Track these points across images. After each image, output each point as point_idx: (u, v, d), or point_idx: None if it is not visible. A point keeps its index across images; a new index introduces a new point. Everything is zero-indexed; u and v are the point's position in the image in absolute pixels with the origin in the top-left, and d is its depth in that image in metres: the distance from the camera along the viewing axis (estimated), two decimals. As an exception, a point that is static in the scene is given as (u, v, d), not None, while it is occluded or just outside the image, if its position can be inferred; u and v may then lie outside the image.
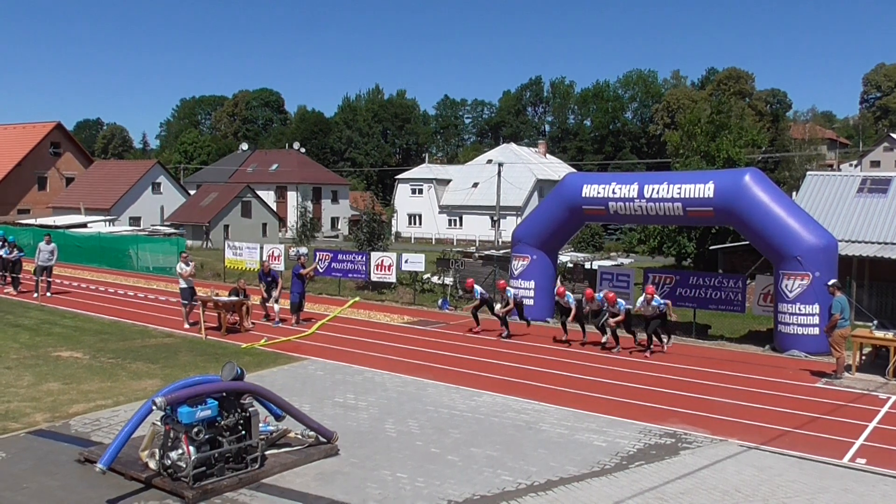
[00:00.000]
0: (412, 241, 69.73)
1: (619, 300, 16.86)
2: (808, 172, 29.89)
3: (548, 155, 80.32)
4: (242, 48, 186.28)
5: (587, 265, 27.75)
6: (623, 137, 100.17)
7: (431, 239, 69.92)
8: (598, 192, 19.10)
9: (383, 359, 15.17)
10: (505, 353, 16.26)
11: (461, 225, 72.10)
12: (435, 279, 27.00)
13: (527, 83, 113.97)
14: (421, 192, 75.30)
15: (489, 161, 71.04)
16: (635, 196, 18.52)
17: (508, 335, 17.97)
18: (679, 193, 17.89)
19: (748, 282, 19.63)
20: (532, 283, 20.41)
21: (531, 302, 20.04)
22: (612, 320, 16.53)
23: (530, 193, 67.52)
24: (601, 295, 17.41)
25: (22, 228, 37.22)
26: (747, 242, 21.60)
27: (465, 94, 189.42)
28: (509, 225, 57.03)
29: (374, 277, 24.49)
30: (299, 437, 9.67)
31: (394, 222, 73.23)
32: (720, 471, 9.18)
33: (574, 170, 61.82)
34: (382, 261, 24.30)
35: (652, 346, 16.43)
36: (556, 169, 71.05)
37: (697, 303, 19.46)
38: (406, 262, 24.15)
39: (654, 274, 20.56)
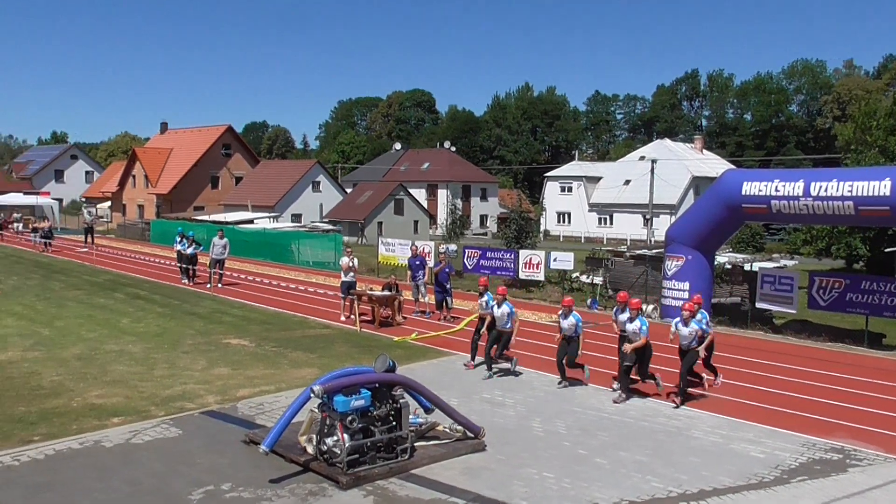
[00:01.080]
0: (560, 239, 69.10)
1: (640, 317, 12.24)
2: None
3: (705, 151, 77.07)
4: (396, 51, 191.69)
5: (747, 267, 26.35)
6: (787, 132, 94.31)
7: (580, 237, 68.98)
8: (760, 190, 18.10)
9: (531, 357, 15.15)
10: (658, 356, 15.73)
11: (611, 223, 70.64)
12: (584, 278, 26.61)
13: (682, 76, 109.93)
14: (570, 189, 74.45)
15: (642, 158, 69.09)
16: (800, 194, 17.39)
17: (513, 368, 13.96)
18: (850, 191, 16.61)
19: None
20: (686, 285, 19.65)
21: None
22: (627, 346, 12.15)
23: (685, 191, 65.07)
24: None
25: (197, 224, 40.24)
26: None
27: (616, 90, 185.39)
28: (662, 224, 55.20)
29: (522, 275, 24.50)
30: (447, 430, 9.85)
31: (542, 220, 72.96)
32: (895, 493, 8.47)
33: (733, 166, 58.94)
34: (531, 259, 24.25)
35: (684, 391, 12.05)
36: (714, 165, 68.04)
37: (870, 310, 17.99)
38: (555, 260, 23.97)
39: (820, 277, 19.24)
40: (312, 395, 8.73)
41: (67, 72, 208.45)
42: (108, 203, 69.84)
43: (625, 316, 12.56)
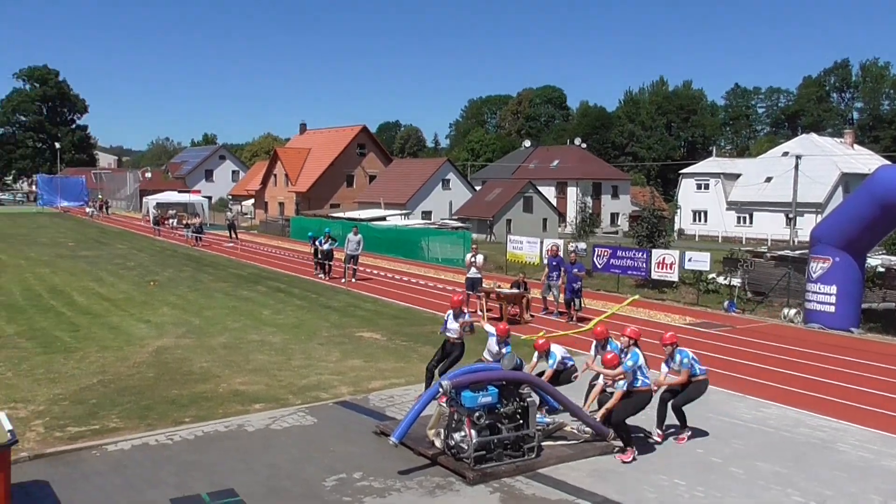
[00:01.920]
0: (696, 238, 66.65)
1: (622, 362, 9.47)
2: None
3: (856, 146, 71.97)
4: (527, 48, 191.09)
5: (902, 270, 24.45)
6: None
7: (717, 237, 66.24)
8: (919, 188, 16.75)
9: (662, 361, 14.70)
10: (800, 363, 14.94)
11: (751, 222, 67.36)
12: (721, 279, 25.55)
13: (831, 67, 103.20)
14: (707, 187, 71.61)
15: (785, 153, 65.41)
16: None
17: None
18: None
19: None
20: (834, 289, 18.49)
21: (832, 309, 18.17)
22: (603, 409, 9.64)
23: (833, 188, 61.09)
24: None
25: (332, 221, 41.77)
26: None
27: (757, 82, 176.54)
28: (807, 223, 52.04)
29: (654, 275, 23.84)
30: (574, 431, 9.76)
31: (676, 219, 70.61)
32: None
33: (888, 162, 54.74)
34: (664, 258, 23.55)
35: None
36: (866, 161, 63.39)
37: None
38: (689, 260, 23.16)
39: None
40: (441, 389, 8.88)
41: (217, 79, 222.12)
42: (252, 200, 73.75)
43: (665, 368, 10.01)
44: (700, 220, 71.67)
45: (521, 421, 9.03)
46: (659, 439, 9.85)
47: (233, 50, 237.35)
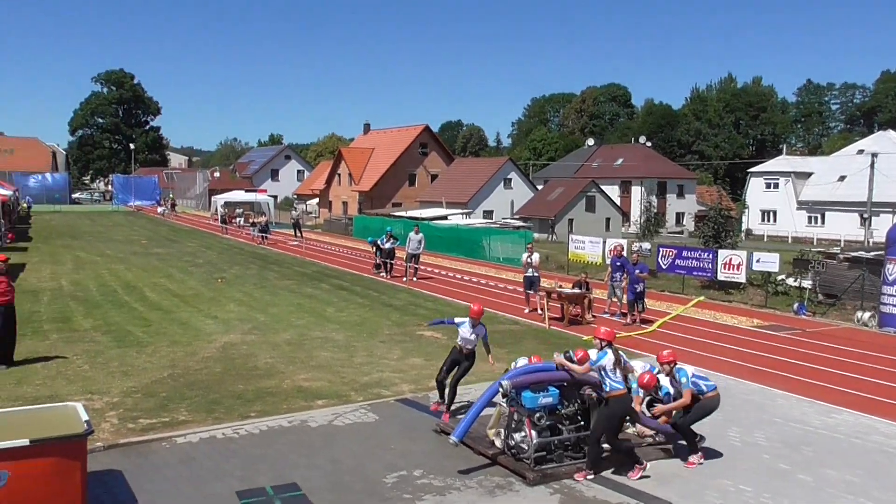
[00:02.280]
0: (764, 238, 64.90)
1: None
2: None
3: (938, 143, 68.86)
4: (591, 46, 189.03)
5: None
6: None
7: (787, 237, 64.37)
8: None
9: (728, 363, 14.41)
10: (874, 368, 14.41)
11: (823, 222, 65.23)
12: (790, 281, 24.80)
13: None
14: (776, 186, 69.63)
15: (860, 151, 63.13)
16: None
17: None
18: None
19: None
20: (911, 291, 17.76)
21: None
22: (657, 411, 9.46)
23: (912, 188, 58.68)
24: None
25: (394, 220, 42.12)
26: None
27: (831, 78, 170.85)
28: (883, 223, 50.12)
29: (720, 276, 23.30)
30: (636, 434, 9.62)
31: (744, 218, 68.87)
32: None
33: (973, 159, 52.26)
34: (731, 259, 23.00)
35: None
36: (948, 159, 60.67)
37: None
38: (758, 261, 22.56)
39: None
40: (501, 389, 8.88)
41: (283, 81, 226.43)
42: (316, 199, 74.95)
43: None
44: (769, 220, 69.74)
45: (583, 422, 8.97)
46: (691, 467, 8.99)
47: (299, 53, 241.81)
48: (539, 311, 19.25)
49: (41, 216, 56.59)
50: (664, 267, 24.89)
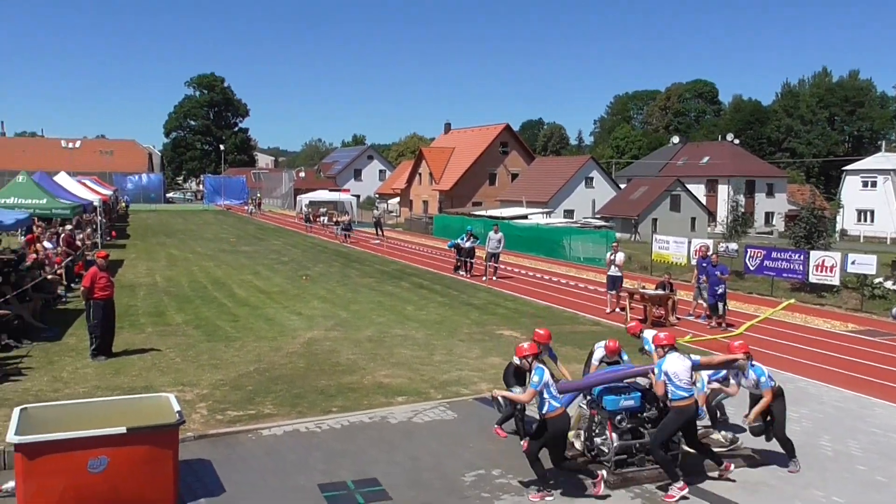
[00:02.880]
0: (861, 239, 61.94)
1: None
2: None
3: None
4: (676, 41, 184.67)
5: None
6: None
7: (885, 238, 61.24)
8: None
9: (820, 368, 13.84)
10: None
11: (925, 223, 61.83)
12: (889, 284, 23.59)
13: None
14: (874, 184, 66.41)
15: (968, 147, 59.54)
16: None
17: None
18: None
19: None
20: None
21: None
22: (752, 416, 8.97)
23: None
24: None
25: (474, 219, 42.19)
26: None
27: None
28: None
29: (812, 279, 22.37)
30: (721, 439, 9.36)
31: (839, 218, 65.88)
32: None
33: None
34: (823, 261, 22.06)
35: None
36: None
37: None
38: (853, 263, 21.56)
39: None
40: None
41: (365, 82, 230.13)
42: (397, 199, 75.81)
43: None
44: (865, 221, 66.57)
45: (665, 426, 8.77)
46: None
47: (381, 55, 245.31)
48: (621, 312, 18.95)
49: (138, 215, 59.21)
50: (752, 268, 24.09)
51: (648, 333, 10.34)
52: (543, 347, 9.14)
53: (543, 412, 7.86)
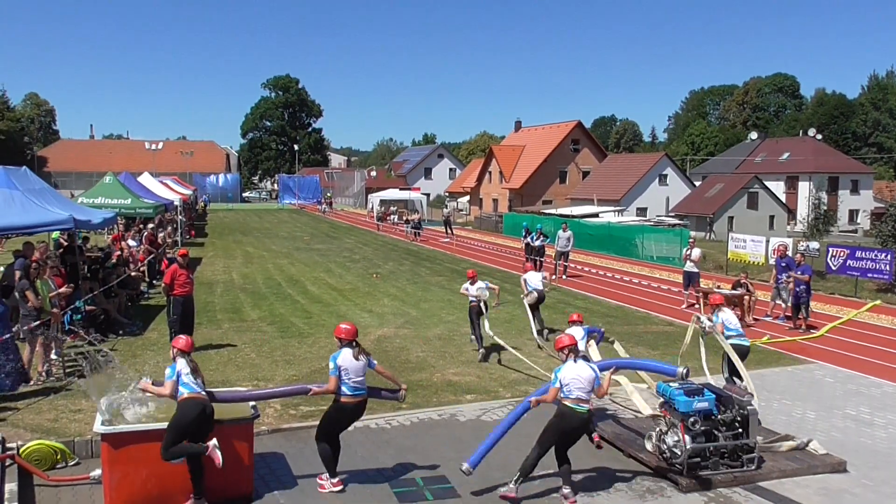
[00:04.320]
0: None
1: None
2: None
3: None
4: (755, 34, 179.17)
5: None
6: None
7: (981, 237, 57.95)
8: None
9: (908, 373, 13.23)
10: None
11: None
12: (984, 286, 22.36)
13: None
14: (969, 180, 62.97)
15: None
16: None
17: None
18: None
19: None
20: None
21: None
22: None
23: None
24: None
25: (544, 217, 41.92)
26: None
27: None
28: None
29: (900, 279, 21.38)
30: (800, 445, 9.05)
31: (930, 216, 62.67)
32: None
33: None
34: (912, 260, 21.05)
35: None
36: None
37: None
38: (944, 263, 20.52)
39: None
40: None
41: (436, 81, 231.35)
42: (467, 197, 75.92)
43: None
44: (960, 218, 63.18)
45: (741, 430, 8.54)
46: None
47: (450, 54, 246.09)
48: (687, 310, 18.56)
49: (216, 214, 61.05)
50: (834, 268, 23.19)
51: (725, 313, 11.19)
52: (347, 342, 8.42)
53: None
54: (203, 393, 7.36)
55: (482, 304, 14.03)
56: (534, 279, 15.44)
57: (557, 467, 7.96)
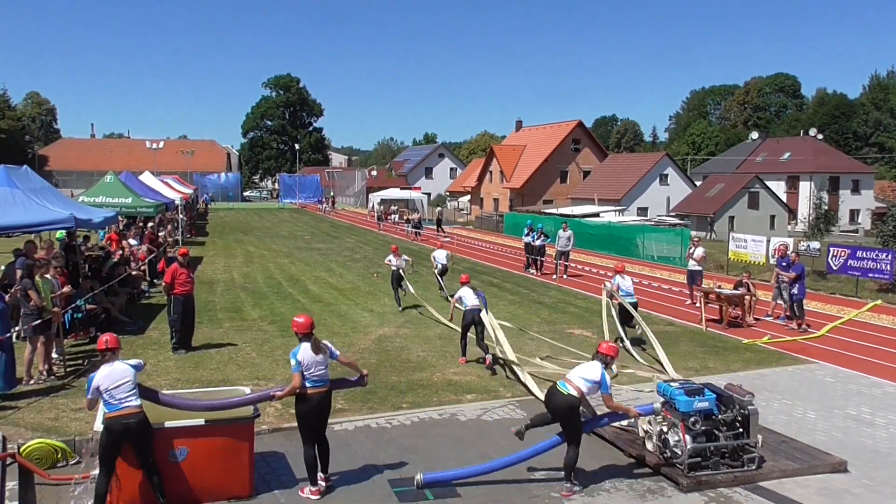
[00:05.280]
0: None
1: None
2: None
3: None
4: (755, 34, 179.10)
5: None
6: None
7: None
8: None
9: (909, 373, 13.22)
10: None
11: None
12: None
13: None
14: (972, 180, 62.92)
15: None
16: None
17: None
18: None
19: None
20: None
21: None
22: None
23: None
24: None
25: (545, 217, 41.91)
26: None
27: None
28: None
29: (901, 279, 21.36)
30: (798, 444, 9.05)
31: (931, 216, 62.62)
32: None
33: None
34: (913, 261, 21.03)
35: None
36: None
37: None
38: (945, 263, 20.51)
39: None
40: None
41: (437, 81, 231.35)
42: (468, 197, 75.92)
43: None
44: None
45: (741, 430, 8.53)
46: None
47: (452, 54, 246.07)
48: (697, 305, 18.59)
49: (217, 213, 61.07)
50: (835, 268, 23.18)
51: None
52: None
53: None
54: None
55: (402, 272, 18.59)
56: (440, 255, 21.58)
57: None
